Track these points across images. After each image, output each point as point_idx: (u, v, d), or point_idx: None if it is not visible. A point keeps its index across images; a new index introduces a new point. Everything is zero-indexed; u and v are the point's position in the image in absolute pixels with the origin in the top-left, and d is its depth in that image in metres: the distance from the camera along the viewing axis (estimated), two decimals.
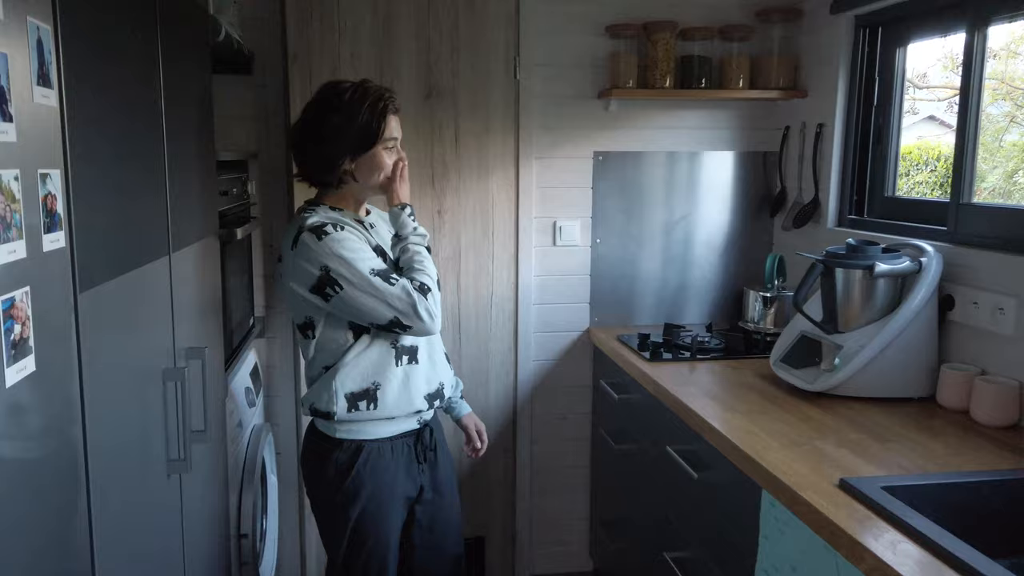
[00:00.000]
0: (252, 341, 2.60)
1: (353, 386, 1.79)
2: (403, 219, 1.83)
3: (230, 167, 2.30)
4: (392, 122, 1.81)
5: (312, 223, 1.73)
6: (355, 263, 1.69)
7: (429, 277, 1.77)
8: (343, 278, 1.69)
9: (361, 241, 1.76)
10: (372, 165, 1.80)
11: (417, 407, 1.85)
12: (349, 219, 1.82)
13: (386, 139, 1.79)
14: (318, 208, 1.82)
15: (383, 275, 1.71)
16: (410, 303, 1.71)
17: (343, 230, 1.73)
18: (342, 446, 1.82)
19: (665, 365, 2.45)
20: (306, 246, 1.71)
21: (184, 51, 1.70)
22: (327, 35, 2.64)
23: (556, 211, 2.89)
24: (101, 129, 1.17)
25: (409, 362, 1.84)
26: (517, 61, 2.78)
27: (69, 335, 1.04)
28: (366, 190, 1.86)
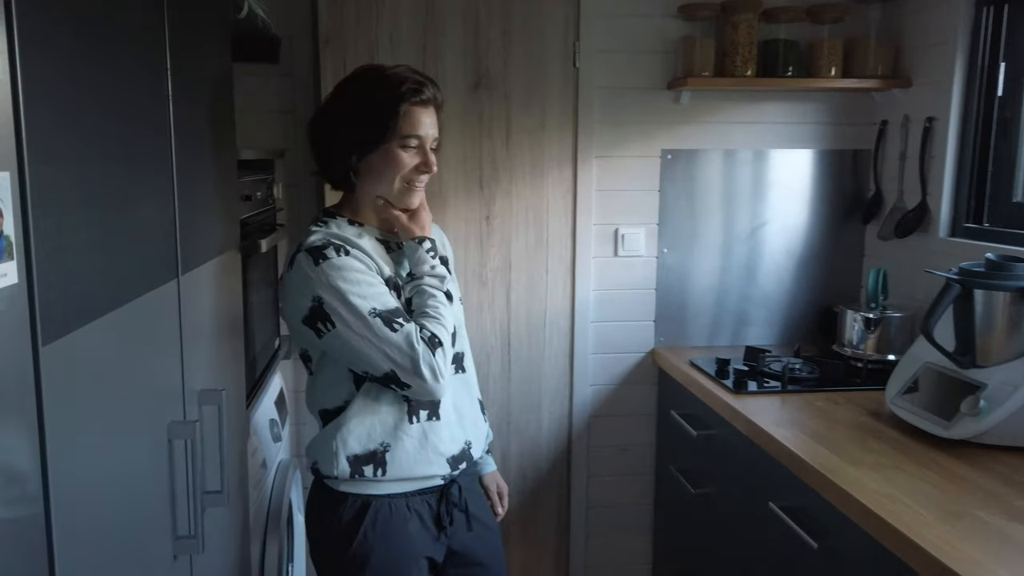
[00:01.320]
0: (278, 364, 2.29)
1: (357, 447, 1.47)
2: (420, 254, 1.49)
3: (253, 168, 1.99)
4: (417, 115, 1.44)
5: (312, 242, 1.43)
6: (353, 298, 1.38)
7: (443, 328, 1.43)
8: (337, 314, 1.39)
9: (368, 271, 1.43)
10: (383, 166, 1.46)
11: (436, 472, 1.52)
12: (367, 238, 1.50)
13: (404, 135, 1.44)
14: (331, 221, 1.51)
15: (386, 318, 1.39)
16: (411, 356, 1.38)
17: (347, 255, 1.41)
18: (346, 501, 1.50)
19: (753, 398, 2.11)
20: (300, 270, 1.42)
21: (199, 26, 1.38)
22: (363, 16, 2.32)
23: (618, 217, 2.55)
24: (79, 118, 0.86)
25: (429, 418, 1.50)
26: (577, 47, 2.44)
27: (23, 405, 0.73)
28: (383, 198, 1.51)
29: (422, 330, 1.41)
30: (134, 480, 1.03)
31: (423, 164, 1.47)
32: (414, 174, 1.47)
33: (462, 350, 1.57)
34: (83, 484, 0.85)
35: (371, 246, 1.49)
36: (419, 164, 1.46)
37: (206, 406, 1.34)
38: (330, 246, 1.41)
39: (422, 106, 1.45)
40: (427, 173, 1.47)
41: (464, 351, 1.59)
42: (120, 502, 0.98)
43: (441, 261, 1.58)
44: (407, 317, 1.42)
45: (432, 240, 1.51)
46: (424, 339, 1.39)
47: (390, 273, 1.49)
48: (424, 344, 1.39)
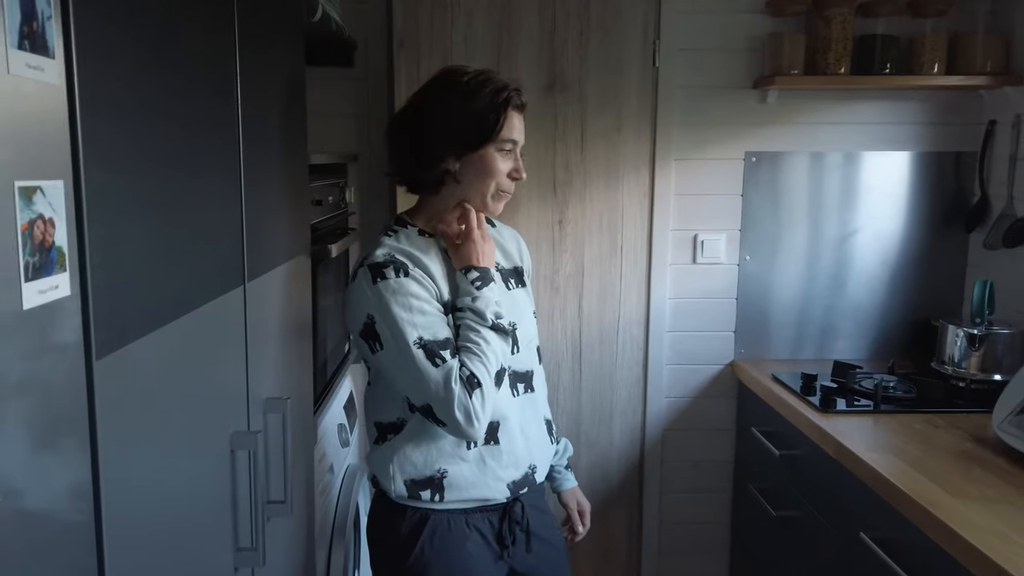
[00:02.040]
0: (348, 367, 2.28)
1: (413, 472, 1.42)
2: (465, 284, 1.40)
3: (325, 172, 1.98)
4: (514, 120, 1.42)
5: (374, 258, 1.39)
6: (401, 324, 1.33)
7: (484, 367, 1.34)
8: (384, 337, 1.36)
9: (425, 296, 1.37)
10: (481, 168, 1.41)
11: (495, 498, 1.45)
12: (435, 251, 1.44)
13: (503, 139, 1.40)
14: (401, 232, 1.46)
15: (430, 349, 1.33)
16: (446, 398, 1.31)
17: (406, 276, 1.36)
18: (404, 514, 1.45)
19: (842, 417, 1.97)
20: (360, 285, 1.39)
21: (270, 28, 1.36)
22: (438, 17, 2.29)
23: (697, 223, 2.45)
24: (140, 123, 0.83)
25: (487, 442, 1.42)
26: (657, 45, 2.35)
27: (74, 421, 0.70)
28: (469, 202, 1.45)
29: (462, 367, 1.33)
30: (194, 491, 1.01)
31: (515, 171, 1.43)
32: (507, 180, 1.43)
33: (531, 368, 1.50)
34: (138, 497, 0.83)
35: (436, 262, 1.43)
36: (512, 171, 1.43)
37: (271, 414, 1.32)
38: (391, 265, 1.37)
39: (518, 111, 1.43)
40: (518, 180, 1.44)
41: (533, 369, 1.51)
42: (178, 514, 0.96)
43: (514, 273, 1.52)
44: (455, 351, 1.35)
45: (481, 270, 1.41)
46: (463, 379, 1.32)
47: (451, 295, 1.42)
48: (461, 385, 1.31)
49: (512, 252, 1.56)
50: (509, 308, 1.44)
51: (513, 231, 1.62)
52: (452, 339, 1.36)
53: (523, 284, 1.55)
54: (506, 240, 1.57)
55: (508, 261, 1.54)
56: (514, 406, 1.44)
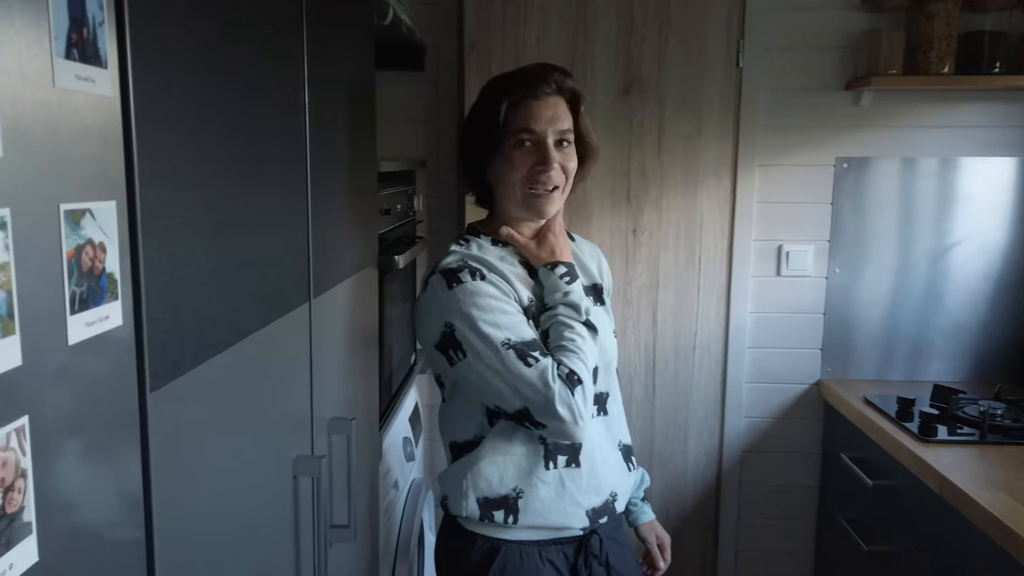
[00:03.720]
0: (414, 379, 2.23)
1: (488, 490, 1.33)
2: (552, 281, 1.32)
3: (394, 179, 1.93)
4: (530, 108, 1.28)
5: (447, 264, 1.31)
6: (485, 327, 1.24)
7: (583, 363, 1.26)
8: (468, 343, 1.26)
9: (505, 298, 1.29)
10: (504, 168, 1.31)
11: (572, 526, 1.35)
12: (509, 260, 1.35)
13: (515, 130, 1.28)
14: (472, 241, 1.38)
15: (520, 350, 1.24)
16: (546, 395, 1.22)
17: (483, 279, 1.28)
18: (475, 543, 1.36)
19: (944, 448, 1.81)
20: (434, 293, 1.30)
21: (340, 34, 1.31)
22: (511, 17, 2.22)
23: (782, 232, 2.30)
24: (201, 137, 0.78)
25: (568, 464, 1.33)
26: (741, 45, 2.22)
27: (127, 462, 0.65)
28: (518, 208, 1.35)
29: (559, 366, 1.25)
30: (254, 519, 0.96)
31: (537, 163, 1.28)
32: (534, 175, 1.29)
33: (607, 390, 1.40)
34: (193, 529, 0.77)
35: (512, 270, 1.35)
36: (535, 162, 1.29)
37: (336, 435, 1.27)
38: (465, 269, 1.29)
39: (535, 98, 1.29)
40: (545, 171, 1.28)
41: (610, 391, 1.41)
42: (237, 543, 0.90)
43: (592, 290, 1.42)
44: (544, 350, 1.27)
45: (568, 265, 1.34)
46: (561, 376, 1.24)
47: (530, 301, 1.33)
48: (561, 381, 1.23)
49: (591, 268, 1.47)
50: None
51: (593, 247, 1.53)
52: (539, 340, 1.28)
53: (602, 302, 1.45)
54: (585, 255, 1.48)
55: (587, 278, 1.44)
56: (592, 430, 1.35)
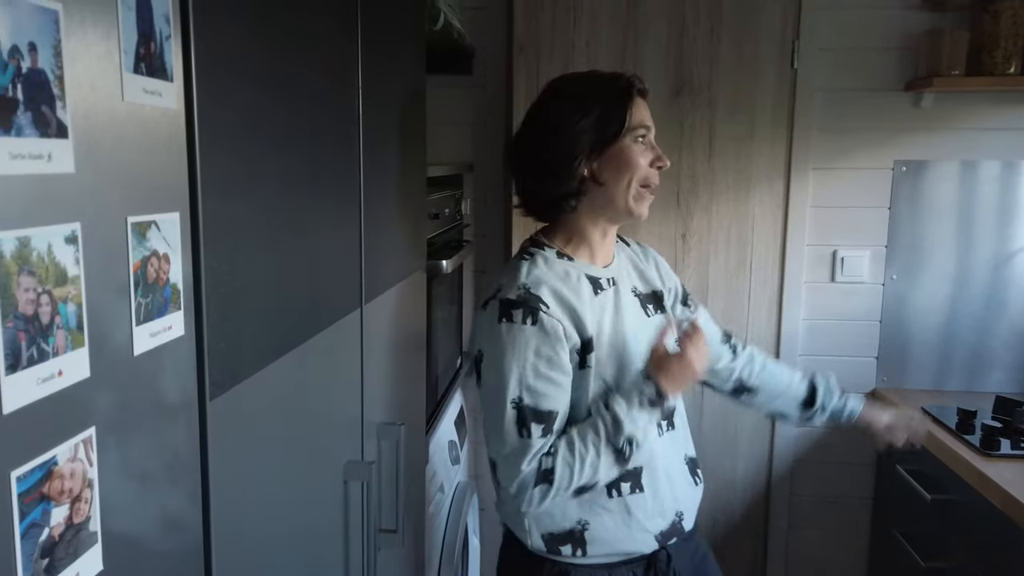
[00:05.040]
0: (459, 382, 2.23)
1: (551, 525, 1.28)
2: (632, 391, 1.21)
3: (442, 184, 1.93)
4: (641, 107, 1.28)
5: (508, 295, 1.22)
6: (506, 376, 1.19)
7: (571, 478, 1.18)
8: (486, 377, 1.24)
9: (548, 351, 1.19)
10: (620, 163, 1.26)
11: (643, 550, 1.30)
12: (575, 278, 1.27)
13: (635, 126, 1.25)
14: (538, 255, 1.29)
15: (524, 415, 1.19)
16: (512, 470, 1.20)
17: (533, 324, 1.19)
18: (543, 567, 1.31)
19: (1007, 463, 1.74)
20: (488, 316, 1.24)
21: (393, 40, 1.32)
22: (560, 19, 2.20)
23: (837, 237, 2.25)
24: (259, 146, 0.78)
25: (632, 490, 1.27)
26: (796, 45, 2.17)
27: (188, 467, 0.65)
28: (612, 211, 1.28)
29: (550, 456, 1.19)
30: (306, 524, 0.96)
31: (658, 158, 1.27)
32: (651, 172, 1.27)
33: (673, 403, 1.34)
34: (248, 533, 0.78)
35: (580, 289, 1.26)
36: (654, 159, 1.27)
37: (384, 440, 1.27)
38: (522, 307, 1.20)
39: (643, 97, 1.29)
40: (662, 167, 1.28)
41: (676, 404, 1.34)
42: (289, 547, 0.91)
43: (652, 298, 1.37)
44: (549, 430, 1.20)
45: (663, 398, 1.20)
46: (540, 467, 1.19)
47: (592, 331, 1.23)
48: (535, 470, 1.19)
49: (651, 274, 1.41)
50: (649, 336, 1.30)
51: (647, 248, 1.48)
52: (555, 414, 1.20)
53: (662, 309, 1.38)
54: (642, 261, 1.43)
55: (646, 284, 1.39)
56: (659, 446, 1.29)
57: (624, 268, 1.37)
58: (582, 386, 1.23)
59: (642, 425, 1.20)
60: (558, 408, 1.21)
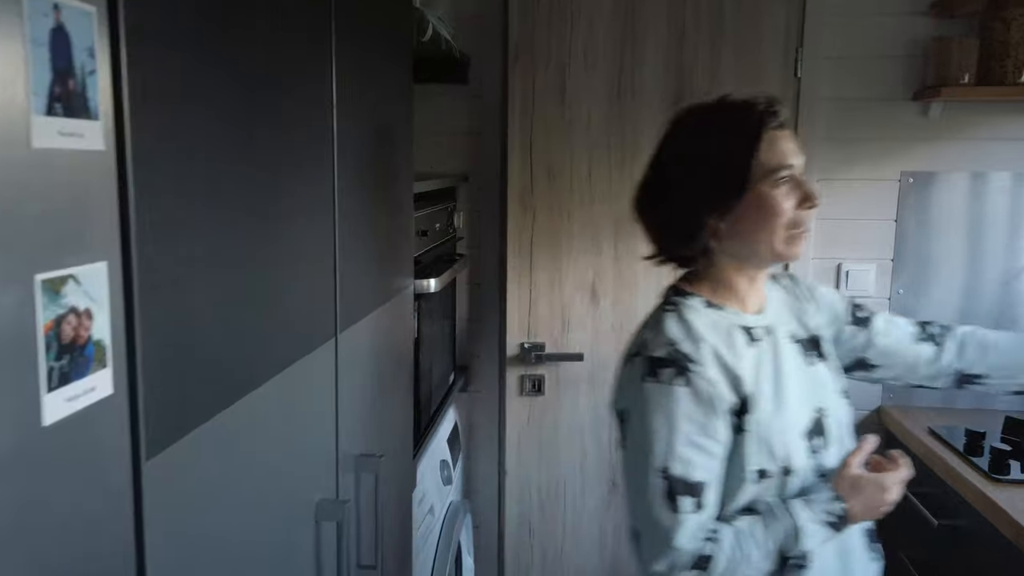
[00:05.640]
0: (452, 398, 2.18)
1: None
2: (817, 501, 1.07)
3: (433, 198, 1.88)
4: (778, 142, 1.09)
5: (654, 352, 1.08)
6: (654, 440, 1.06)
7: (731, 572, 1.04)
8: (631, 439, 1.11)
9: (699, 416, 1.06)
10: (759, 214, 1.08)
11: None
12: (725, 328, 1.12)
13: (771, 169, 1.07)
14: (683, 304, 1.13)
15: (673, 486, 1.05)
16: (662, 547, 1.05)
17: (686, 385, 1.05)
18: None
19: (1017, 488, 1.67)
20: (633, 371, 1.11)
21: (373, 54, 1.26)
22: (556, 27, 2.15)
23: (842, 250, 2.18)
24: (207, 177, 0.73)
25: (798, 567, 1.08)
26: (800, 53, 2.11)
27: (115, 532, 0.60)
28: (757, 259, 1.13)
29: (712, 541, 1.04)
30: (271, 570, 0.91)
31: (806, 199, 1.10)
32: (799, 214, 1.10)
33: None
34: None
35: (734, 342, 1.11)
36: (802, 200, 1.10)
37: (363, 473, 1.22)
38: (670, 366, 1.07)
39: (780, 130, 1.11)
40: (813, 208, 1.11)
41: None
42: None
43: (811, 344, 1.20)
44: (703, 503, 1.05)
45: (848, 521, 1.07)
46: (697, 551, 1.04)
47: (749, 387, 1.08)
48: (690, 553, 1.04)
49: (809, 313, 1.23)
50: (812, 389, 1.15)
51: (802, 282, 1.28)
52: (707, 486, 1.06)
53: (822, 357, 1.21)
54: (798, 296, 1.24)
55: (804, 328, 1.21)
56: None
57: (779, 312, 1.19)
58: (739, 452, 1.07)
59: (818, 542, 1.05)
60: (710, 479, 1.06)
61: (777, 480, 1.08)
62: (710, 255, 1.13)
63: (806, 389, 1.14)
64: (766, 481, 1.08)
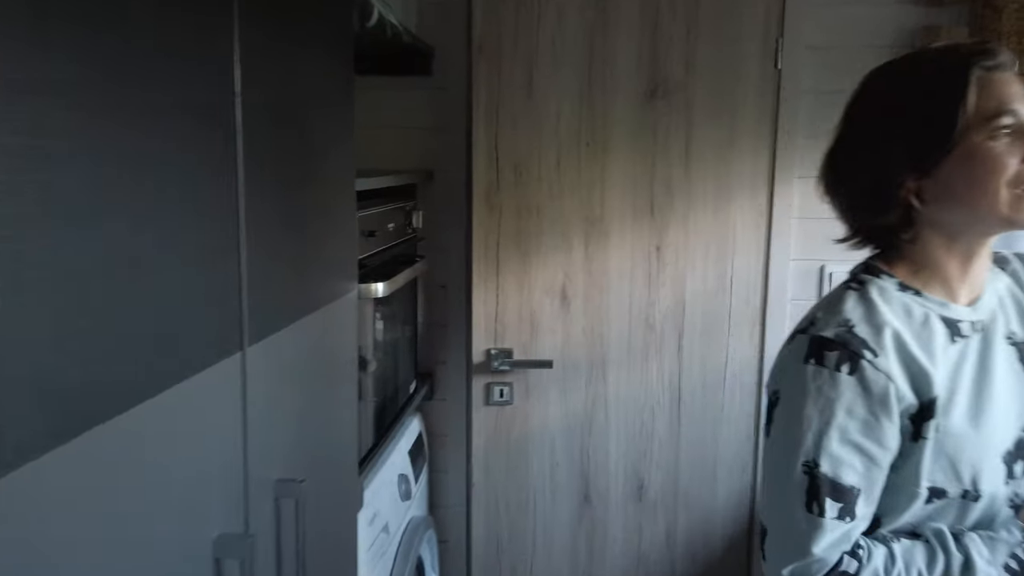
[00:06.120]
0: (415, 406, 2.07)
1: None
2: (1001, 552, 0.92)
3: (387, 196, 1.77)
4: (996, 85, 0.90)
5: (823, 331, 0.94)
6: (805, 433, 0.92)
7: None
8: (776, 427, 0.97)
9: (861, 413, 0.91)
10: (973, 172, 0.90)
11: None
12: (921, 317, 0.95)
13: (985, 114, 0.89)
14: (872, 284, 0.98)
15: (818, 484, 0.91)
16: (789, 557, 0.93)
17: (853, 373, 0.90)
18: None
19: None
20: (792, 352, 0.98)
21: (295, 39, 1.15)
22: (523, 16, 2.04)
23: (824, 251, 2.07)
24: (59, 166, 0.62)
25: None
26: (780, 44, 2.00)
27: None
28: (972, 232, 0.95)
29: (853, 560, 0.91)
30: None
31: None
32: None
33: None
34: None
35: (925, 334, 0.94)
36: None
37: (284, 499, 1.11)
38: (840, 349, 0.91)
39: (1001, 71, 0.91)
40: None
41: None
42: None
43: None
44: (854, 511, 0.91)
45: None
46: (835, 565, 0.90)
47: (938, 390, 0.91)
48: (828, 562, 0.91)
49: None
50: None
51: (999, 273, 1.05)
52: (859, 493, 0.91)
53: None
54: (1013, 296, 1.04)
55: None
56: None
57: (998, 306, 1.00)
58: (911, 463, 0.92)
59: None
60: (866, 487, 0.92)
61: (956, 504, 0.92)
62: (913, 228, 0.96)
63: (1018, 403, 0.96)
64: (941, 503, 0.92)
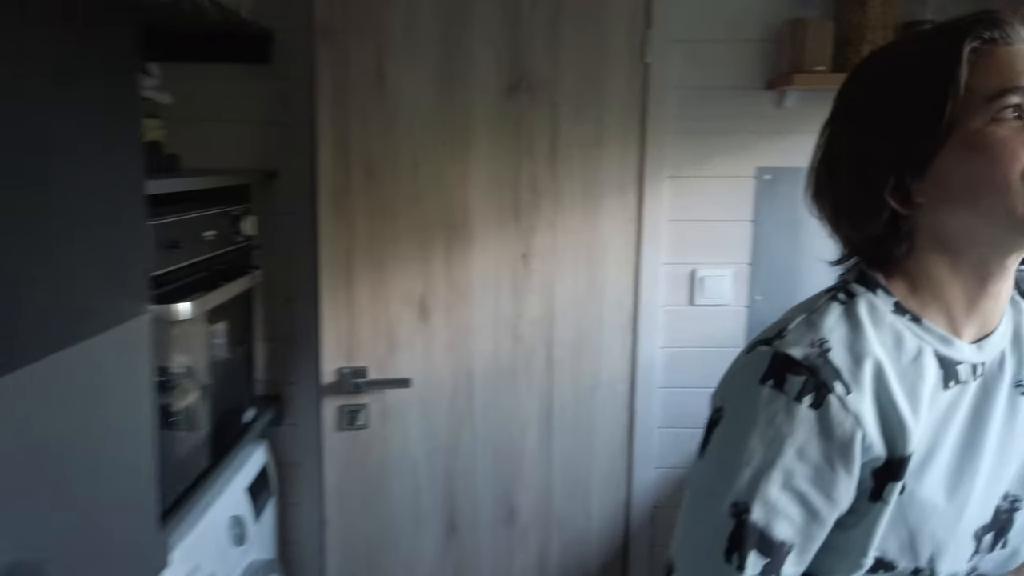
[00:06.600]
0: (256, 434, 1.85)
1: None
2: None
3: (203, 200, 1.54)
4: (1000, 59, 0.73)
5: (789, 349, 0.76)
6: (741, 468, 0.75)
7: None
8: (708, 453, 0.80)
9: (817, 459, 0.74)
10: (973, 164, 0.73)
11: None
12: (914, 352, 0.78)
13: (987, 94, 0.72)
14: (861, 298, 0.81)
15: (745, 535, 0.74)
16: None
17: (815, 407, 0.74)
18: None
19: None
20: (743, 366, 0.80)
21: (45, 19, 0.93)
22: (372, 2, 1.84)
23: (696, 255, 1.99)
24: None
25: None
26: (647, 36, 1.89)
27: None
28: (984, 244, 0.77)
29: None
30: None
31: None
32: None
33: None
34: None
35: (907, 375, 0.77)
36: None
37: None
38: (804, 375, 0.75)
39: (1006, 44, 0.74)
40: None
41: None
42: None
43: None
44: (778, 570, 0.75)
45: None
46: None
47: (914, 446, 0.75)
48: None
49: None
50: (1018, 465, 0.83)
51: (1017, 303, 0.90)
52: (790, 550, 0.76)
53: None
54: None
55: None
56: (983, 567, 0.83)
57: (1010, 343, 0.84)
58: (863, 526, 0.77)
59: None
60: (800, 545, 0.76)
61: None
62: (907, 239, 0.79)
63: (1010, 464, 0.80)
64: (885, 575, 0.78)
